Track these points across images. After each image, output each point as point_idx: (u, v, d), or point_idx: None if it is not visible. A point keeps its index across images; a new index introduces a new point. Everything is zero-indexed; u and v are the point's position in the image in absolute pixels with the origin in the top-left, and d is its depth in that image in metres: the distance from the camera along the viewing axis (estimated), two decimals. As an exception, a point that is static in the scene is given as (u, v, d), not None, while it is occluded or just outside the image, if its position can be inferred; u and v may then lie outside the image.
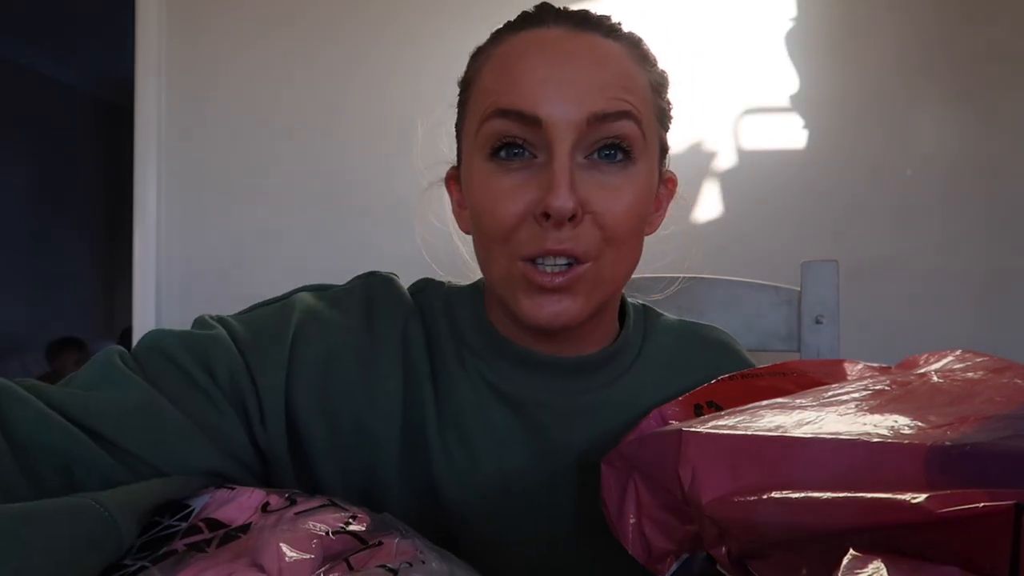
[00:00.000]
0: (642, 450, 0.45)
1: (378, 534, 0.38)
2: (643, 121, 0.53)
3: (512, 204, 0.51)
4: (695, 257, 0.90)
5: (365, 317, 0.60)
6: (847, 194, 1.38)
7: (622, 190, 0.52)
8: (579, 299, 0.53)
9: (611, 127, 0.51)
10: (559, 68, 0.51)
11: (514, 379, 0.59)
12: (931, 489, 0.30)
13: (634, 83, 0.53)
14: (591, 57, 0.52)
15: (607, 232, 0.52)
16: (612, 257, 0.53)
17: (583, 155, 0.52)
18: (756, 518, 0.35)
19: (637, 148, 0.53)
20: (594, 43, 0.53)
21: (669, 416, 0.52)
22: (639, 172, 0.53)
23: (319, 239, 1.59)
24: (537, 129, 0.50)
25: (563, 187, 0.49)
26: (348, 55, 1.56)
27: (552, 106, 0.50)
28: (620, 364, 0.62)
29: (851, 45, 1.38)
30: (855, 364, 0.55)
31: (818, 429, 0.39)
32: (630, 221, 0.53)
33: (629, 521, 0.45)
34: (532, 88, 0.51)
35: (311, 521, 0.38)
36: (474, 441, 0.58)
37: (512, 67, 0.52)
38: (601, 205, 0.51)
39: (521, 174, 0.52)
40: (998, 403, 0.39)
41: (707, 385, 0.55)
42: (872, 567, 0.28)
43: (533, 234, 0.51)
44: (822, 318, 0.93)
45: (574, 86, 0.50)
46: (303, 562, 0.34)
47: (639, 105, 0.53)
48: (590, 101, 0.50)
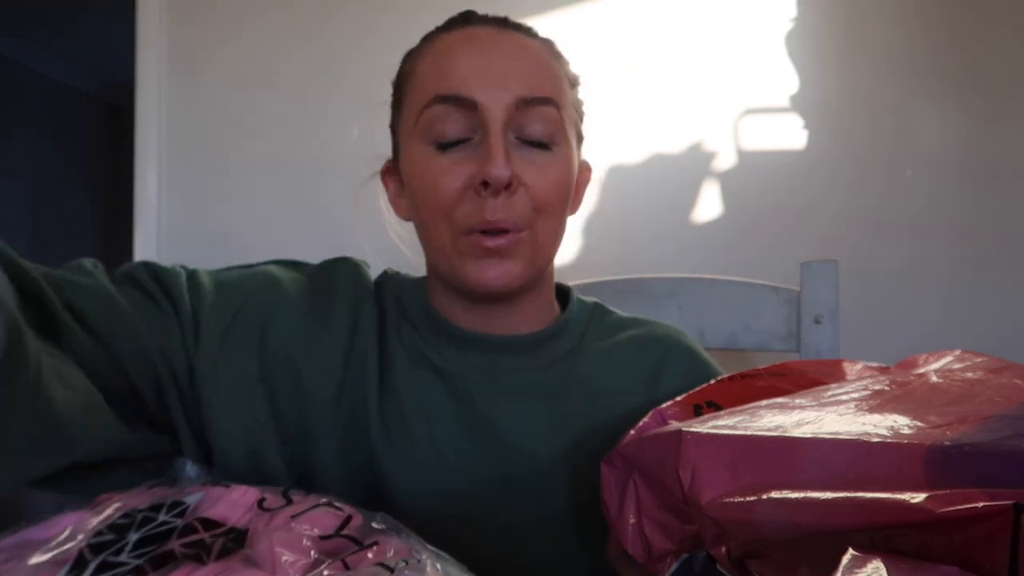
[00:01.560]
0: (642, 450, 0.45)
1: (374, 535, 0.38)
2: (563, 108, 0.60)
3: (452, 179, 0.57)
4: (695, 257, 0.91)
5: (321, 290, 0.66)
6: (847, 194, 1.37)
7: (549, 167, 0.59)
8: (519, 262, 0.59)
9: (536, 110, 0.58)
10: (489, 58, 0.58)
11: (446, 354, 0.64)
12: (931, 489, 0.30)
13: (554, 75, 0.61)
14: (516, 50, 0.59)
15: (537, 203, 0.58)
16: (543, 226, 0.60)
17: (514, 135, 0.58)
18: (756, 518, 0.35)
19: (559, 132, 0.60)
20: (517, 39, 0.60)
21: (668, 416, 0.52)
22: (562, 153, 0.60)
23: (319, 239, 1.59)
24: (473, 112, 0.57)
25: (499, 158, 0.55)
26: (349, 53, 1.56)
27: (485, 90, 0.57)
28: (553, 350, 0.66)
29: (851, 45, 1.38)
30: (854, 364, 0.55)
31: (817, 429, 0.39)
32: (557, 194, 0.60)
33: (629, 521, 0.45)
34: (466, 75, 0.57)
35: (306, 524, 0.38)
36: (408, 411, 0.62)
37: (446, 59, 0.59)
38: (531, 178, 0.58)
39: (459, 153, 0.58)
40: (997, 403, 0.39)
41: (706, 386, 0.55)
42: (871, 567, 0.28)
43: (473, 207, 0.57)
44: (822, 318, 0.93)
45: (503, 73, 0.57)
46: (298, 564, 0.34)
47: (559, 94, 0.60)
48: (517, 87, 0.57)
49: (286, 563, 0.34)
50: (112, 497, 0.44)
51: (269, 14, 1.60)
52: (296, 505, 0.40)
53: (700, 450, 0.40)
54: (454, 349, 0.64)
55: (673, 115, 1.42)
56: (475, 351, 0.64)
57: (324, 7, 1.57)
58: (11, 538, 0.41)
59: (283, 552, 0.35)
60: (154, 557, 0.36)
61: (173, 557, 0.36)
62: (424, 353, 0.64)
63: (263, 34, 1.61)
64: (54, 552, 0.38)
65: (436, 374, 0.63)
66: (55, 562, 0.38)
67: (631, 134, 1.42)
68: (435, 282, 0.66)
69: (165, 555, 0.36)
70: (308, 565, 0.34)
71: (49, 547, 0.39)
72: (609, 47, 1.44)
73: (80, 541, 0.39)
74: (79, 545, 0.38)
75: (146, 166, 1.64)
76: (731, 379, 0.55)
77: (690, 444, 0.40)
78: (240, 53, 1.62)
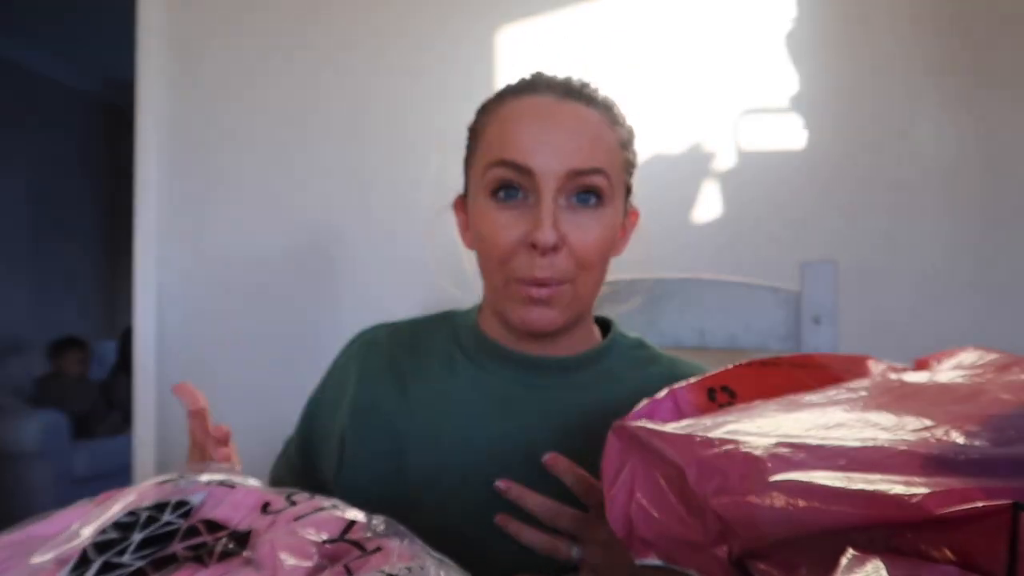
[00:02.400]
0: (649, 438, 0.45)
1: (377, 539, 0.38)
2: (611, 175, 0.67)
3: (508, 234, 0.66)
4: (695, 257, 0.94)
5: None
6: (847, 194, 1.38)
7: (592, 228, 0.67)
8: (558, 309, 0.68)
9: (586, 180, 0.66)
10: (547, 131, 0.66)
11: (488, 367, 0.74)
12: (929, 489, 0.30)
13: (605, 143, 0.68)
14: (573, 123, 0.66)
15: (579, 261, 0.66)
16: (583, 279, 0.68)
17: (564, 199, 0.66)
18: (757, 513, 0.35)
19: (606, 195, 0.67)
20: (575, 111, 0.67)
21: (680, 399, 0.52)
22: (606, 213, 0.68)
23: (319, 238, 1.59)
24: (529, 177, 0.65)
25: (547, 224, 0.64)
26: (350, 55, 1.56)
27: (541, 160, 0.64)
28: (589, 373, 0.74)
29: (851, 45, 1.38)
30: (879, 363, 0.54)
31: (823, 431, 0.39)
32: (598, 251, 0.68)
33: (619, 499, 0.45)
34: (526, 145, 0.65)
35: (310, 527, 0.38)
36: (439, 406, 0.73)
37: (510, 128, 0.67)
38: (575, 238, 0.66)
39: (515, 212, 0.66)
40: (1003, 401, 0.39)
41: (723, 370, 0.54)
42: (871, 566, 0.28)
43: (525, 262, 0.66)
44: (821, 319, 0.93)
45: (558, 146, 0.65)
46: (300, 569, 0.34)
47: (609, 161, 0.67)
48: (570, 159, 0.65)
49: (287, 567, 0.34)
50: (116, 494, 0.44)
51: (269, 14, 1.60)
52: (299, 507, 0.40)
53: (701, 463, 0.40)
54: (496, 363, 0.74)
55: (673, 115, 1.42)
56: (515, 366, 0.73)
57: (324, 7, 1.57)
58: (14, 534, 0.41)
59: (285, 556, 0.35)
60: (156, 559, 0.36)
61: (175, 559, 0.36)
62: (467, 367, 0.75)
63: (263, 34, 1.61)
64: (57, 550, 0.39)
65: (475, 380, 0.74)
66: (58, 560, 0.38)
67: (631, 134, 1.43)
68: (488, 308, 0.76)
69: (167, 557, 0.36)
70: (310, 570, 0.34)
71: (52, 544, 0.39)
72: (609, 47, 1.44)
73: (84, 539, 0.39)
74: (83, 543, 0.38)
75: (147, 166, 1.64)
76: (749, 365, 0.54)
77: (692, 466, 0.40)
78: (240, 53, 1.62)
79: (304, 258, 1.60)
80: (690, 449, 0.41)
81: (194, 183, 1.65)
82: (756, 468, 0.36)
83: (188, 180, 1.65)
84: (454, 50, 1.50)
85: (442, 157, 0.85)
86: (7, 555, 0.39)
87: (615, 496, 0.46)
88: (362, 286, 1.55)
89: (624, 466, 0.46)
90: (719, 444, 0.40)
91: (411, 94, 1.52)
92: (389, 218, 1.54)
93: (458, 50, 1.50)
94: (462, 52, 1.49)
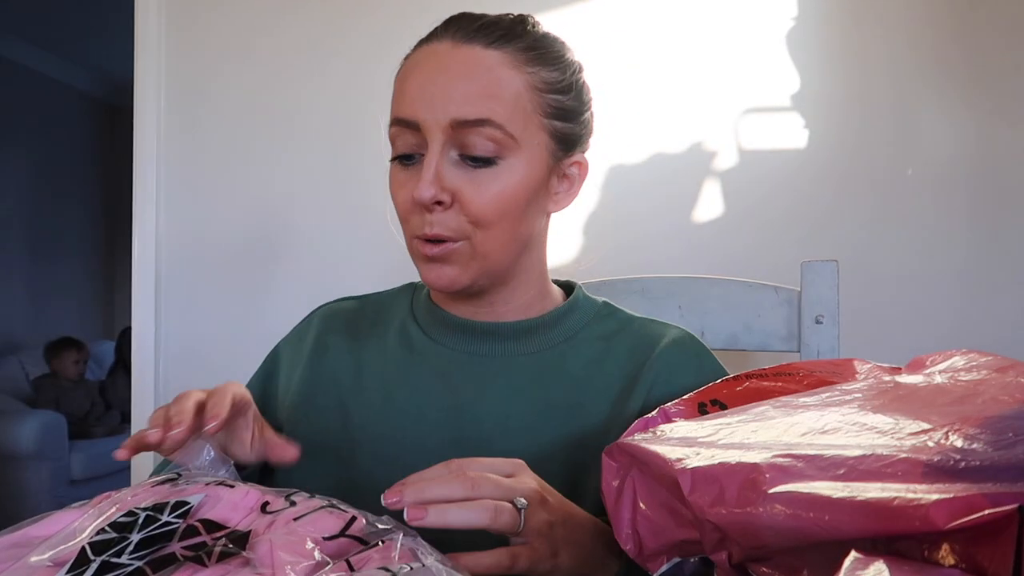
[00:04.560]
0: (643, 451, 0.45)
1: (378, 534, 0.38)
2: (509, 124, 0.62)
3: (404, 193, 0.65)
4: (695, 257, 0.92)
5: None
6: (847, 194, 1.37)
7: (486, 184, 0.63)
8: (456, 267, 0.65)
9: (475, 131, 0.61)
10: (432, 80, 0.62)
11: (435, 336, 0.73)
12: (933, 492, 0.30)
13: (505, 89, 0.63)
14: (461, 68, 0.62)
15: (472, 217, 0.63)
16: (482, 236, 0.64)
17: (457, 153, 0.63)
18: (758, 523, 0.35)
19: (505, 147, 0.63)
20: (470, 55, 0.63)
21: (673, 415, 0.52)
22: (506, 167, 0.63)
23: (319, 238, 1.59)
24: (418, 131, 0.63)
25: (425, 181, 0.61)
26: (349, 53, 1.56)
27: (424, 111, 0.62)
28: (542, 339, 0.71)
29: (852, 45, 1.38)
30: (864, 363, 0.55)
31: (820, 437, 0.38)
32: (496, 207, 0.63)
33: (625, 516, 0.45)
34: (411, 97, 0.63)
35: (309, 526, 0.37)
36: (391, 382, 0.72)
37: (404, 80, 0.65)
38: (466, 194, 0.62)
39: (412, 169, 0.65)
40: (1001, 402, 0.38)
41: (712, 385, 0.55)
42: (874, 568, 0.28)
43: (417, 220, 0.64)
44: (822, 318, 0.93)
45: (441, 95, 0.62)
46: (300, 567, 0.34)
47: (506, 109, 0.62)
48: (454, 108, 0.61)
49: (287, 567, 0.34)
50: (114, 495, 0.44)
51: (268, 14, 1.60)
52: (298, 507, 0.40)
53: (696, 476, 0.40)
54: (445, 332, 0.73)
55: (674, 115, 1.41)
56: (464, 334, 0.72)
57: (324, 7, 1.57)
58: (12, 535, 0.41)
59: (284, 555, 0.35)
60: (154, 559, 0.36)
61: (174, 559, 0.36)
62: (412, 334, 0.74)
63: (262, 33, 1.61)
64: (54, 551, 0.38)
65: (426, 350, 0.72)
66: (55, 561, 0.38)
67: (632, 134, 1.42)
68: None
69: (166, 557, 0.36)
70: (311, 568, 0.34)
71: (49, 545, 0.39)
72: (609, 46, 1.43)
73: (82, 539, 0.39)
74: (81, 542, 0.38)
75: (145, 166, 1.64)
76: (736, 379, 0.55)
77: (685, 476, 0.40)
78: (239, 53, 1.62)
79: (305, 259, 1.60)
80: (681, 460, 0.41)
81: (193, 184, 1.65)
82: (754, 479, 0.36)
83: (187, 180, 1.65)
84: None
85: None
86: (5, 556, 0.39)
87: (620, 514, 0.46)
88: (367, 290, 1.55)
89: (624, 483, 0.46)
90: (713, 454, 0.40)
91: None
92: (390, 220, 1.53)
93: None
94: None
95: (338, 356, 0.75)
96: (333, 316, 0.79)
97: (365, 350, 0.75)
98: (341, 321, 0.78)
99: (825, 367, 0.54)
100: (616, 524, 0.46)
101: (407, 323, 0.75)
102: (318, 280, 1.58)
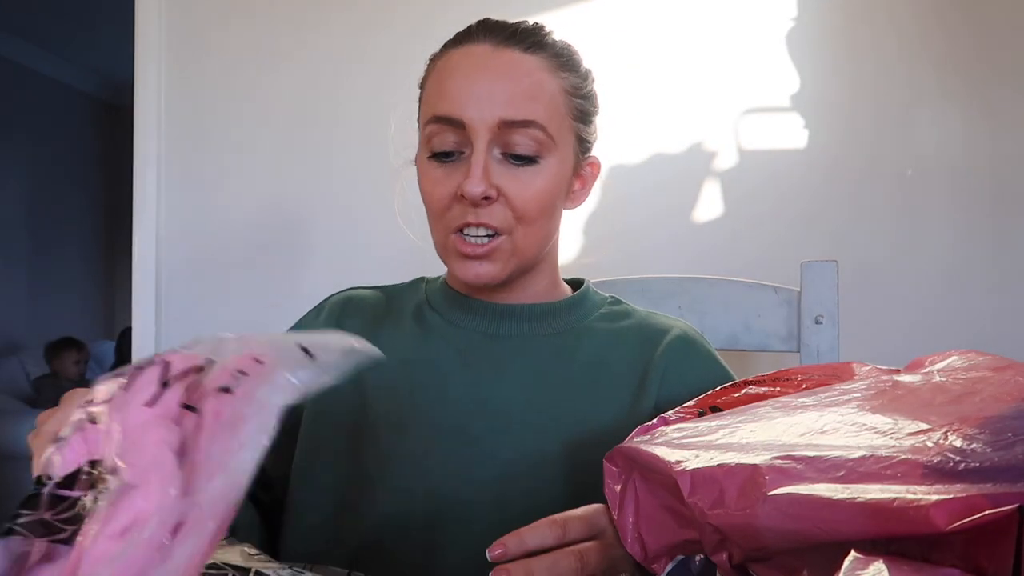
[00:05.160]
0: (643, 454, 0.45)
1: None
2: (549, 125, 0.66)
3: (442, 188, 0.66)
4: (695, 257, 0.94)
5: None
6: (847, 194, 1.37)
7: (529, 181, 0.66)
8: (497, 264, 0.68)
9: (520, 131, 0.65)
10: (478, 81, 0.65)
11: (453, 317, 0.75)
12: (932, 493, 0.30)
13: (546, 92, 0.66)
14: (506, 70, 0.65)
15: (517, 213, 0.66)
16: (523, 232, 0.67)
17: (500, 151, 0.65)
18: (758, 524, 0.35)
19: (544, 147, 0.66)
20: (511, 58, 0.66)
21: (672, 422, 0.52)
22: (546, 166, 0.67)
23: (320, 237, 1.59)
24: (462, 130, 0.65)
25: (476, 176, 0.63)
26: (348, 53, 1.56)
27: (472, 111, 0.64)
28: (557, 322, 0.74)
29: (852, 45, 1.38)
30: (863, 366, 0.55)
31: (819, 438, 0.38)
32: (538, 204, 0.67)
33: (628, 520, 0.45)
34: (457, 97, 0.65)
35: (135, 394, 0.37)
36: (412, 360, 0.73)
37: (445, 79, 0.67)
38: (511, 191, 0.65)
39: (450, 166, 0.67)
40: (1000, 402, 0.38)
41: (711, 392, 0.55)
42: (873, 569, 0.28)
43: (460, 211, 0.66)
44: (822, 318, 0.93)
45: (489, 96, 0.64)
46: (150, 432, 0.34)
47: (547, 112, 0.66)
48: (502, 109, 0.64)
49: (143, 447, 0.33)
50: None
51: (267, 13, 1.60)
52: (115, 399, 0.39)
53: (696, 476, 0.40)
54: (462, 314, 0.74)
55: (674, 115, 1.41)
56: (481, 315, 0.74)
57: (323, 6, 1.57)
58: None
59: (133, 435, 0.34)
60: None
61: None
62: (428, 318, 0.75)
63: (262, 33, 1.61)
64: None
65: (443, 333, 0.74)
66: None
67: (632, 134, 1.42)
68: None
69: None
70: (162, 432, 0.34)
71: None
72: (609, 47, 1.43)
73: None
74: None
75: (145, 166, 1.64)
76: (735, 386, 0.55)
77: (684, 477, 0.40)
78: (239, 52, 1.62)
79: (306, 259, 1.59)
80: (681, 463, 0.41)
81: (193, 183, 1.65)
82: (754, 481, 0.36)
83: (187, 180, 1.65)
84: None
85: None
86: None
87: (623, 518, 0.46)
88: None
89: (626, 488, 0.46)
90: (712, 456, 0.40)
91: (412, 95, 1.52)
92: (391, 220, 1.53)
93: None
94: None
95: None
96: (347, 302, 0.81)
97: (381, 332, 0.76)
98: (355, 306, 0.80)
99: (823, 371, 0.55)
100: (620, 528, 0.46)
101: (423, 308, 0.77)
102: (319, 280, 1.58)
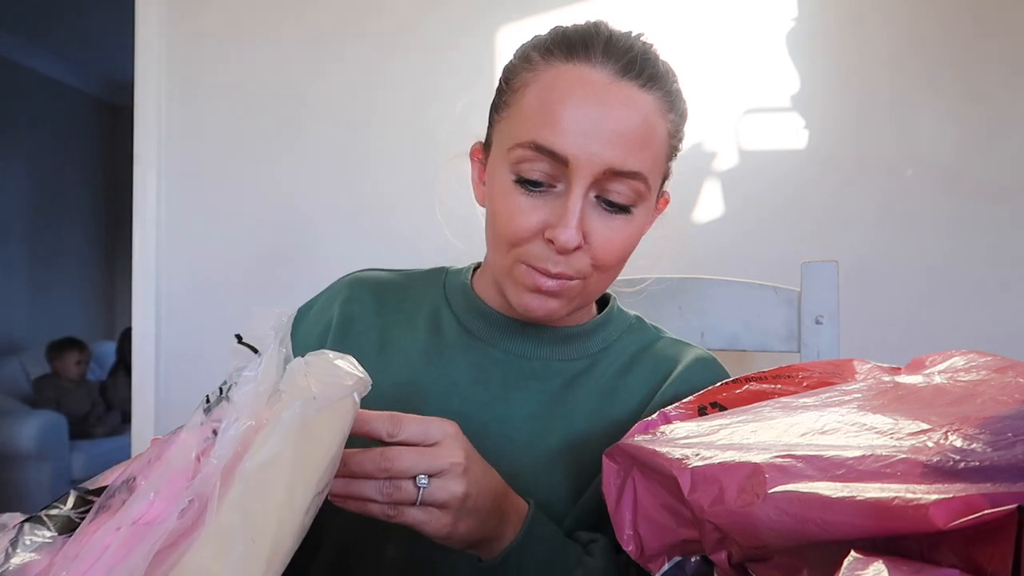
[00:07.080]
0: (643, 452, 0.45)
1: None
2: (651, 176, 0.61)
3: (526, 221, 0.60)
4: (695, 257, 0.93)
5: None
6: (847, 194, 1.37)
7: (619, 230, 0.61)
8: (562, 302, 0.63)
9: (622, 181, 0.59)
10: (593, 119, 0.58)
11: (475, 326, 0.71)
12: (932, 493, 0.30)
13: (654, 139, 0.61)
14: (623, 112, 0.59)
15: (597, 262, 0.61)
16: (597, 278, 0.63)
17: (595, 194, 0.60)
18: (758, 523, 0.35)
19: (639, 198, 0.61)
20: (629, 96, 0.59)
21: (673, 418, 0.52)
22: (637, 215, 0.62)
23: (321, 237, 1.59)
24: (561, 165, 0.58)
25: (572, 227, 0.58)
26: (351, 52, 1.56)
27: (580, 151, 0.57)
28: (581, 347, 0.71)
29: (852, 45, 1.38)
30: (864, 363, 0.55)
31: (819, 438, 0.38)
32: (621, 254, 0.63)
33: (626, 518, 0.45)
34: (566, 131, 0.58)
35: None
36: (425, 371, 0.70)
37: (555, 103, 0.59)
38: (598, 240, 0.60)
39: (539, 198, 0.60)
40: (1000, 402, 0.38)
41: (711, 388, 0.55)
42: (873, 568, 0.28)
43: (538, 251, 0.60)
44: (822, 318, 0.93)
45: (601, 139, 0.58)
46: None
47: (652, 161, 0.61)
48: (610, 155, 0.58)
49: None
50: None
51: (268, 13, 1.60)
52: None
53: (696, 474, 0.40)
54: (484, 327, 0.71)
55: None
56: (500, 332, 0.70)
57: (321, 7, 1.57)
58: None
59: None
60: None
61: None
62: (444, 321, 0.72)
63: (262, 33, 1.61)
64: None
65: (452, 341, 0.71)
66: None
67: (631, 134, 1.42)
68: (487, 274, 0.72)
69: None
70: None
71: None
72: (609, 47, 1.43)
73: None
74: None
75: (146, 166, 1.64)
76: (736, 382, 0.55)
77: (685, 475, 0.40)
78: (239, 52, 1.62)
79: (305, 258, 1.59)
80: (681, 460, 0.41)
81: (193, 183, 1.65)
82: (754, 479, 0.36)
83: (187, 180, 1.65)
84: (454, 49, 1.49)
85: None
86: None
87: (621, 515, 0.46)
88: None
89: (624, 485, 0.46)
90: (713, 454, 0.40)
91: (412, 94, 1.52)
92: (391, 220, 1.54)
93: (458, 49, 1.49)
94: (462, 51, 1.49)
95: (363, 331, 0.73)
96: (362, 284, 0.77)
97: (392, 328, 0.73)
98: (369, 291, 0.76)
99: (825, 368, 0.54)
100: (617, 525, 0.46)
101: (440, 308, 0.73)
102: (319, 280, 1.57)
